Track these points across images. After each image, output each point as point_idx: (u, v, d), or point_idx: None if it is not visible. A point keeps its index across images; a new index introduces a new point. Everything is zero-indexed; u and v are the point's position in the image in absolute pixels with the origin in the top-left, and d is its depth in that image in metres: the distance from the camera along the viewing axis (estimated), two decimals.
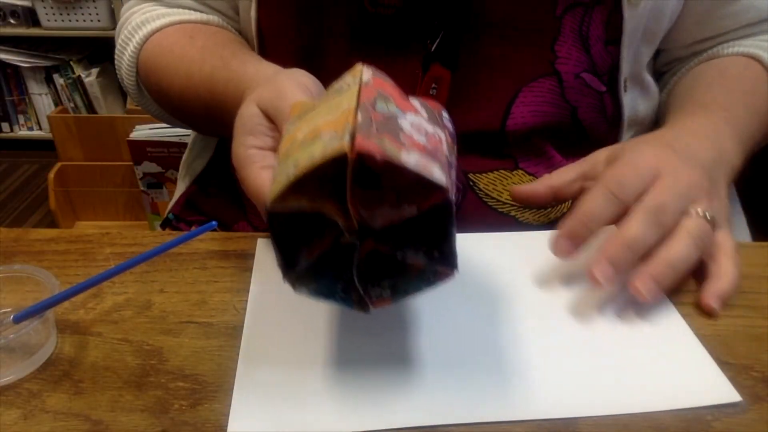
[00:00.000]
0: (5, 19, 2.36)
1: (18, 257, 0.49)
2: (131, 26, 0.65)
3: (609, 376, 0.39)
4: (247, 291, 0.46)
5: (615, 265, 0.42)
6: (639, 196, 0.45)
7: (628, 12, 0.57)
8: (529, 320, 0.43)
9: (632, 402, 0.37)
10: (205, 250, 0.50)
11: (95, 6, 2.29)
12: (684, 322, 0.43)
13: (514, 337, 0.42)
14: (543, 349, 0.41)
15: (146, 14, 0.65)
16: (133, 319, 0.44)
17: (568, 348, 0.41)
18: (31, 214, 2.29)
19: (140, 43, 0.64)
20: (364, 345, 0.41)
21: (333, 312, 0.43)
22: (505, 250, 0.50)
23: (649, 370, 0.39)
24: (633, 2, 0.57)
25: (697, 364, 0.40)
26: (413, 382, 0.39)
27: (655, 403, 0.37)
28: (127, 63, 0.65)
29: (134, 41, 0.64)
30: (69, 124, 1.94)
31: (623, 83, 0.62)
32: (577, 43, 0.59)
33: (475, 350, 0.41)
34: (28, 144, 2.64)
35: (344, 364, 0.40)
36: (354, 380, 0.39)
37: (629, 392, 0.38)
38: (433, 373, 0.39)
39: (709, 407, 0.37)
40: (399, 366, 0.40)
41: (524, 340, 0.42)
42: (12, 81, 2.54)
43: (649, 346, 0.41)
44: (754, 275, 0.47)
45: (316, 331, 0.42)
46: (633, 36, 0.60)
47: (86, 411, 0.37)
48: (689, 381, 0.39)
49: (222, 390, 0.38)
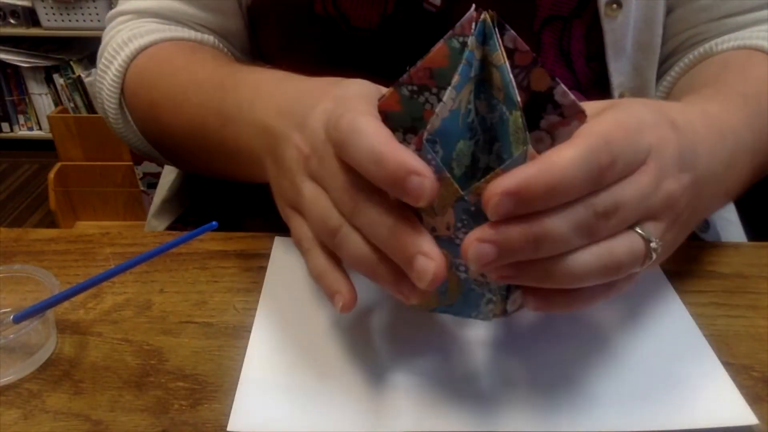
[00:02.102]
0: (5, 19, 2.36)
1: (18, 257, 0.49)
2: (117, 42, 0.59)
3: (621, 392, 0.38)
4: (247, 291, 0.46)
5: (506, 253, 0.31)
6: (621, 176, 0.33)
7: (607, 24, 0.56)
8: (540, 331, 0.42)
9: (644, 419, 0.36)
10: (205, 250, 0.50)
11: (95, 6, 2.30)
12: (704, 339, 0.41)
13: (521, 347, 0.41)
14: (552, 361, 0.40)
15: (133, 30, 0.60)
16: (133, 319, 0.44)
17: (578, 360, 0.40)
18: (31, 214, 2.29)
19: (128, 58, 0.58)
20: (371, 349, 0.41)
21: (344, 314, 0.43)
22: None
23: (664, 387, 0.38)
24: (610, 14, 0.56)
25: (714, 383, 0.39)
26: (417, 387, 0.38)
27: (668, 421, 0.36)
28: (111, 80, 0.59)
29: (120, 57, 0.59)
30: (69, 124, 1.94)
31: (618, 98, 0.60)
32: (559, 60, 0.58)
33: (480, 359, 0.40)
34: (28, 144, 2.64)
35: (350, 366, 0.40)
36: (359, 383, 0.39)
37: (642, 408, 0.37)
38: (438, 380, 0.39)
39: (723, 429, 0.36)
40: (402, 370, 0.40)
41: (535, 351, 0.41)
42: (12, 81, 2.54)
43: (665, 362, 0.40)
44: (754, 275, 0.47)
45: (326, 332, 0.42)
46: (619, 48, 0.58)
47: (86, 411, 0.37)
48: (705, 400, 0.38)
49: (222, 390, 0.38)
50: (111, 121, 0.62)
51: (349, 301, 0.35)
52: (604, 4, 0.56)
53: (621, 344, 0.41)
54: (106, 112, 0.62)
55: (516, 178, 0.30)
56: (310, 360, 0.40)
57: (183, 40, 0.60)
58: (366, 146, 0.32)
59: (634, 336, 0.42)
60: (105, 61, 0.60)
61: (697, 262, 0.49)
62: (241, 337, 0.42)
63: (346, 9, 0.56)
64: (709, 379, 0.39)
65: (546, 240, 0.31)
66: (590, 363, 0.40)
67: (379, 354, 0.41)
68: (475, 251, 0.31)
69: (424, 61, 0.34)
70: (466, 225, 0.33)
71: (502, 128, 0.34)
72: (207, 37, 0.61)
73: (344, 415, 0.37)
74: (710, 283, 0.47)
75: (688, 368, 0.40)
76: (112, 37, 0.61)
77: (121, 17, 0.63)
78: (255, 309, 0.44)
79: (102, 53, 0.62)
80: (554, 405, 0.37)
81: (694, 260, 0.49)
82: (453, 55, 0.34)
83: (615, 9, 0.56)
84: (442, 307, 0.37)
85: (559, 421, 0.36)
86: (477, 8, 0.33)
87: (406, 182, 0.30)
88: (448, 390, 0.38)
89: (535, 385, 0.38)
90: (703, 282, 0.46)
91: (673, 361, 0.40)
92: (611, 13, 0.56)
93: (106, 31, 0.63)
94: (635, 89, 0.62)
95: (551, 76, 0.34)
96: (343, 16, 0.56)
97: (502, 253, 0.31)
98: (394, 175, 0.31)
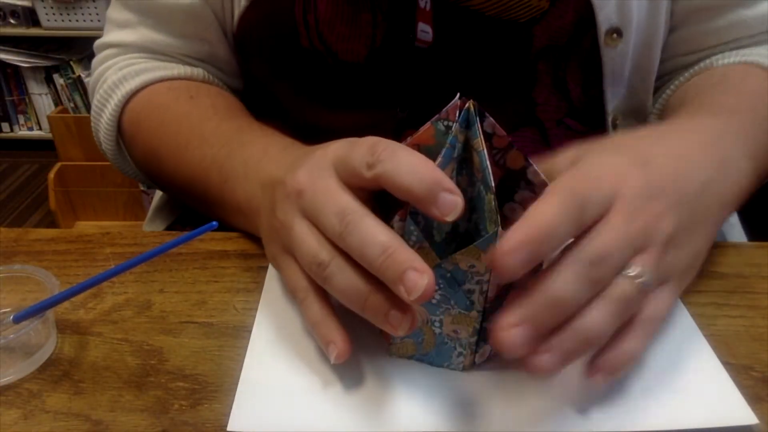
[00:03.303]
0: (5, 19, 2.36)
1: (18, 257, 0.49)
2: (108, 84, 0.60)
3: (621, 392, 0.38)
4: (247, 291, 0.46)
5: (536, 327, 0.33)
6: (594, 221, 0.35)
7: (606, 54, 0.55)
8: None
9: (644, 419, 0.36)
10: (205, 250, 0.50)
11: (95, 6, 2.30)
12: (704, 339, 0.41)
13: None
14: None
15: (123, 71, 0.60)
16: (133, 319, 0.44)
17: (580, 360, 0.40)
18: (31, 214, 2.29)
19: (121, 102, 0.59)
20: (371, 349, 0.41)
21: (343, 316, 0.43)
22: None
23: (664, 387, 0.38)
24: (610, 44, 0.55)
25: (714, 383, 0.39)
26: (416, 387, 0.39)
27: (668, 421, 0.36)
28: (107, 122, 0.60)
29: (114, 101, 0.59)
30: (69, 124, 1.94)
31: (611, 122, 0.60)
32: (553, 88, 0.57)
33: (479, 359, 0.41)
34: (28, 144, 2.64)
35: (350, 366, 0.40)
36: (359, 383, 0.39)
37: (642, 408, 0.37)
38: (438, 380, 0.39)
39: (724, 429, 0.36)
40: (402, 370, 0.40)
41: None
42: (12, 81, 2.54)
43: (665, 362, 0.40)
44: (754, 275, 0.47)
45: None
46: (617, 76, 0.58)
47: (86, 411, 0.37)
48: (705, 400, 0.38)
49: (222, 390, 0.38)
50: (109, 158, 0.63)
51: (342, 351, 0.37)
52: (604, 33, 0.54)
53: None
54: (104, 151, 0.63)
55: (516, 233, 0.32)
56: (310, 360, 0.40)
57: (174, 78, 0.60)
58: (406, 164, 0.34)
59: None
60: (98, 103, 0.61)
61: None
62: (241, 337, 0.42)
63: (333, 43, 0.55)
64: (709, 379, 0.39)
65: (560, 299, 0.33)
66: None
67: (379, 354, 0.41)
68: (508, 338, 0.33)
69: (413, 139, 0.38)
70: (442, 288, 0.37)
71: (480, 203, 0.38)
72: (197, 71, 0.61)
73: (344, 415, 0.37)
74: (710, 283, 0.47)
75: (688, 368, 0.40)
76: (102, 74, 0.62)
77: (108, 50, 0.63)
78: (255, 309, 0.44)
79: (95, 90, 0.62)
80: (554, 405, 0.37)
81: None
82: (438, 136, 0.38)
83: (615, 39, 0.55)
84: (418, 356, 0.40)
85: (559, 422, 0.36)
86: (461, 97, 0.37)
87: (439, 197, 0.33)
88: (447, 390, 0.38)
89: (535, 386, 0.38)
90: (703, 282, 0.46)
91: (673, 361, 0.40)
92: (611, 43, 0.55)
93: (95, 62, 0.64)
94: (629, 111, 0.62)
95: (525, 157, 0.38)
96: (329, 50, 0.55)
97: (534, 332, 0.33)
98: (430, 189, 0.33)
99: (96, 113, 0.62)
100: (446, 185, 0.33)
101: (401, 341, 0.40)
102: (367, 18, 0.54)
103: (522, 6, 0.53)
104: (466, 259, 0.35)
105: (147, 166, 0.61)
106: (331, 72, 0.56)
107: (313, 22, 0.54)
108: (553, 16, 0.53)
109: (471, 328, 0.38)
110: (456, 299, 0.37)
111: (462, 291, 0.37)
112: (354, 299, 0.36)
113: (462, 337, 0.38)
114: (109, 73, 0.61)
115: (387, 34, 0.54)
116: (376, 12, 0.53)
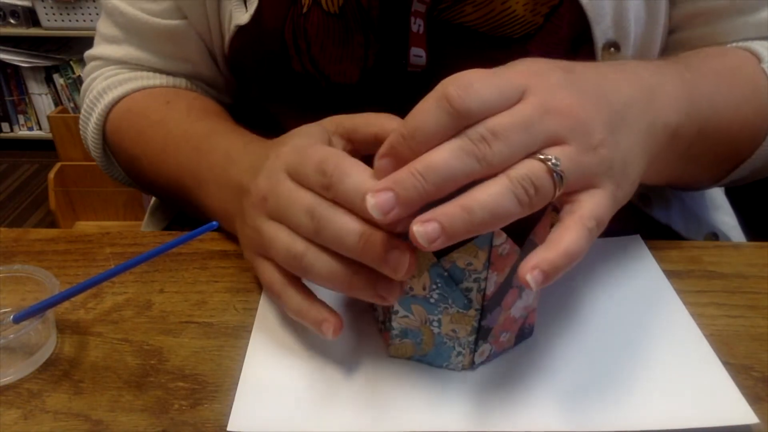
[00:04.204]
0: (5, 19, 2.36)
1: (18, 257, 0.49)
2: (93, 94, 0.62)
3: (621, 392, 0.38)
4: (247, 291, 0.46)
5: (399, 194, 0.32)
6: (485, 115, 0.33)
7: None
8: (539, 331, 0.42)
9: (644, 419, 0.36)
10: (205, 250, 0.50)
11: (95, 6, 2.30)
12: (704, 339, 0.41)
13: (521, 347, 0.41)
14: (551, 361, 0.40)
15: (108, 80, 0.61)
16: (133, 319, 0.44)
17: (577, 359, 0.40)
18: (31, 214, 2.29)
19: (105, 111, 0.60)
20: (371, 349, 0.41)
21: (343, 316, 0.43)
22: None
23: (664, 387, 0.38)
24: (608, 58, 0.53)
25: (715, 382, 0.39)
26: (416, 387, 0.39)
27: (668, 421, 0.36)
28: (93, 131, 0.62)
29: (98, 110, 0.61)
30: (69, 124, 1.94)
31: None
32: None
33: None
34: (28, 144, 2.64)
35: (350, 366, 0.40)
36: (359, 383, 0.39)
37: (642, 408, 0.37)
38: (437, 379, 0.39)
39: (724, 428, 0.36)
40: (402, 370, 0.40)
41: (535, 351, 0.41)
42: (12, 81, 2.55)
43: (665, 362, 0.40)
44: (754, 275, 0.47)
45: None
46: None
47: (86, 411, 0.37)
48: (705, 400, 0.38)
49: (222, 390, 0.38)
50: (98, 165, 0.65)
51: (337, 325, 0.38)
52: (601, 48, 0.54)
53: (621, 344, 0.41)
54: (94, 158, 0.65)
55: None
56: (310, 360, 0.40)
57: (156, 87, 0.61)
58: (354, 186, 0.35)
59: (634, 336, 0.42)
60: (84, 112, 0.63)
61: (697, 262, 0.49)
62: (241, 337, 0.42)
63: (325, 66, 0.55)
64: (709, 379, 0.39)
65: (431, 168, 0.32)
66: (590, 363, 0.40)
67: (379, 354, 0.41)
68: (374, 203, 0.32)
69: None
70: (440, 287, 0.37)
71: None
72: (179, 81, 0.62)
73: (344, 415, 0.37)
74: (710, 283, 0.47)
75: (688, 368, 0.40)
76: (89, 84, 0.63)
77: (94, 62, 0.65)
78: (255, 309, 0.44)
79: (83, 97, 0.64)
80: (554, 405, 0.37)
81: (694, 260, 0.49)
82: None
83: (613, 53, 0.54)
84: (417, 356, 0.40)
85: (559, 421, 0.36)
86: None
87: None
88: (447, 390, 0.38)
89: (534, 386, 0.38)
90: (703, 282, 0.47)
91: (673, 361, 0.40)
92: (609, 57, 0.54)
93: (85, 72, 0.65)
94: None
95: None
96: (321, 73, 0.55)
97: (399, 197, 0.32)
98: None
99: (83, 122, 0.64)
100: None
101: (400, 342, 0.40)
102: (359, 39, 0.54)
103: (516, 22, 0.52)
104: (464, 257, 0.36)
105: (132, 172, 0.63)
106: (324, 94, 0.57)
107: (305, 46, 0.54)
108: (548, 31, 0.53)
109: (469, 327, 0.38)
110: (454, 298, 0.37)
111: (460, 289, 0.37)
112: (338, 282, 0.36)
113: (461, 336, 0.38)
114: (95, 84, 0.62)
115: (379, 55, 0.54)
116: (368, 33, 0.53)
